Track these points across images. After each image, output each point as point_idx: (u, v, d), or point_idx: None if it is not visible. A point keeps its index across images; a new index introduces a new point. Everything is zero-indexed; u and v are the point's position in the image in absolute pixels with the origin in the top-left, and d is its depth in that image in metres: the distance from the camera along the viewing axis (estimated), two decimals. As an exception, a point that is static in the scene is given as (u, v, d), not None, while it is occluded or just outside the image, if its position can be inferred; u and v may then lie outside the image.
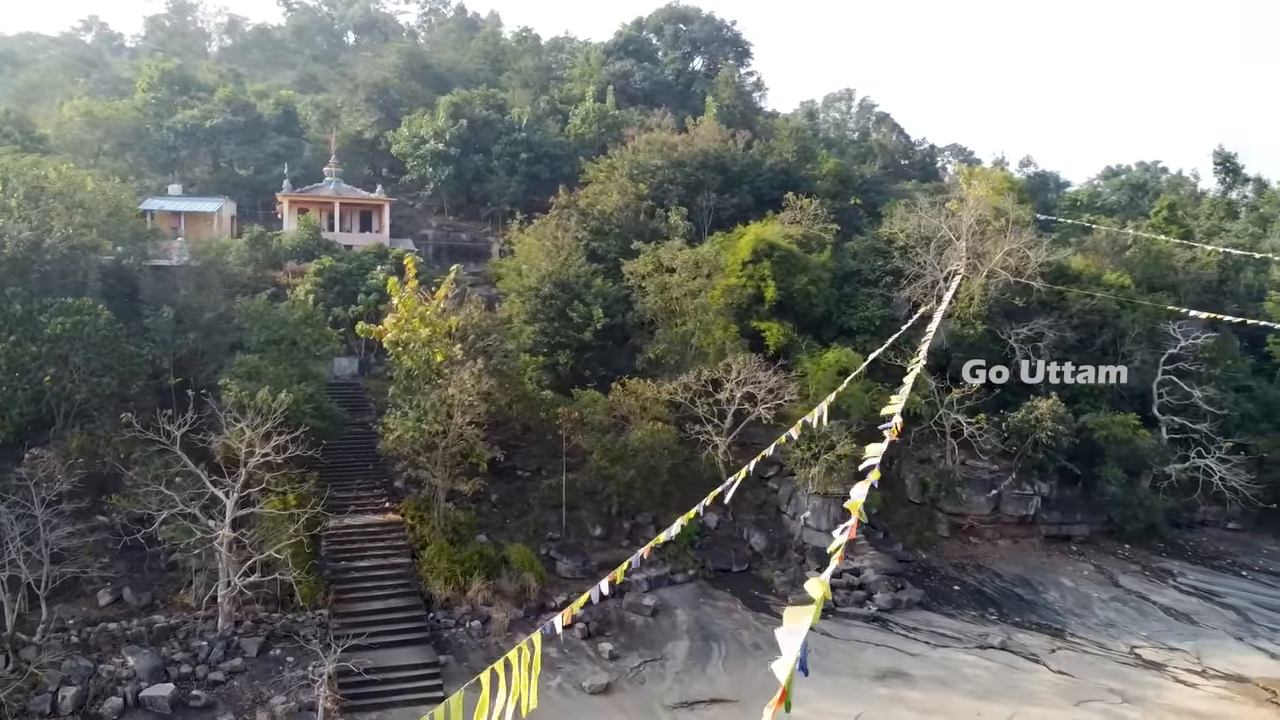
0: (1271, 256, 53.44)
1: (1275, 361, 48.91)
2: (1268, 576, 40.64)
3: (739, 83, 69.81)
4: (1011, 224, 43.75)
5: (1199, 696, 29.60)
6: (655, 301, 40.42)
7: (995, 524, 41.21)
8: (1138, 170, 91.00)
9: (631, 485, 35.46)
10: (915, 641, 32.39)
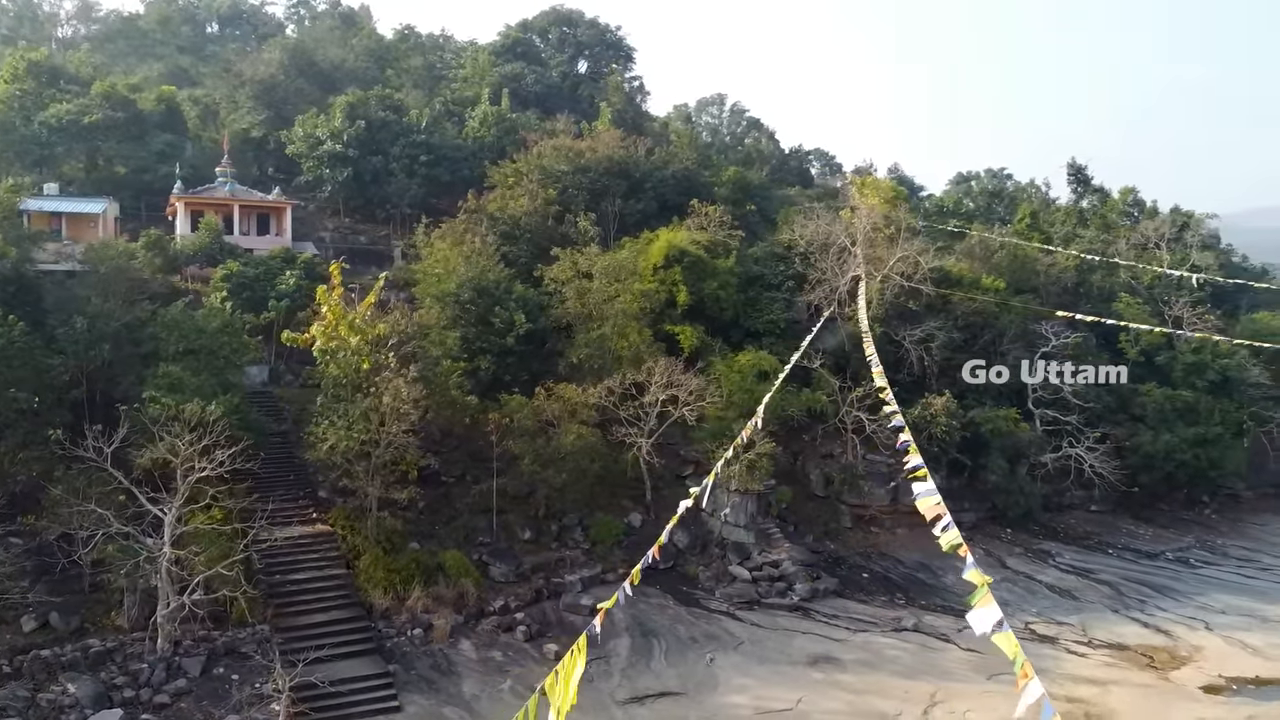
0: (1119, 261, 58.66)
1: (1127, 357, 53.74)
2: (1130, 553, 44.91)
3: (628, 88, 71.08)
4: (902, 231, 46.65)
5: (1089, 665, 32.67)
6: (574, 306, 41.16)
7: (894, 514, 43.90)
8: (987, 177, 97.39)
9: (563, 488, 36.11)
10: (838, 628, 34.39)
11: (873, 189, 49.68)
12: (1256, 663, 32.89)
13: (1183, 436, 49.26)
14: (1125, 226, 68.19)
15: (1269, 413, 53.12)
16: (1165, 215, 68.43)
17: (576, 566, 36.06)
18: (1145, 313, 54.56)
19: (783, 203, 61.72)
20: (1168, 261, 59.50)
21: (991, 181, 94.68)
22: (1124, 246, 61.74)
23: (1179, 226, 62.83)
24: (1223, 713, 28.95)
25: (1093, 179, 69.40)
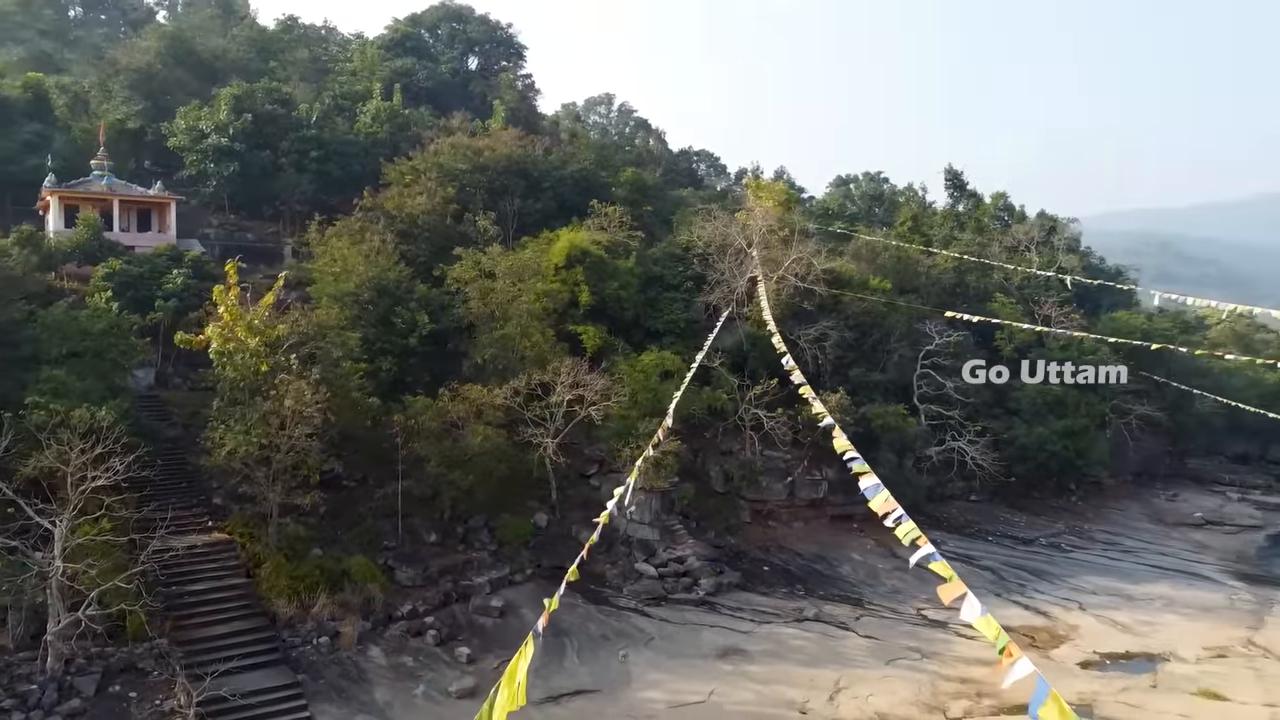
0: (994, 262, 61.80)
1: (1002, 354, 56.71)
2: (1009, 540, 47.52)
3: (520, 86, 70.78)
4: (796, 233, 48.07)
5: (978, 646, 34.33)
6: (477, 306, 40.90)
7: (790, 508, 45.31)
8: (864, 180, 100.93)
9: (470, 490, 35.89)
10: (743, 620, 35.31)
11: (767, 192, 51.01)
12: (1126, 639, 35.39)
13: (1053, 429, 52.39)
14: (997, 230, 71.90)
15: (1128, 405, 56.95)
16: (1033, 220, 72.55)
17: (484, 568, 35.90)
18: (1018, 312, 57.61)
19: (676, 204, 62.63)
20: (1037, 263, 63.05)
21: (870, 185, 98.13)
22: (997, 249, 65.07)
23: (1047, 230, 66.64)
24: (1099, 686, 31.03)
25: (968, 184, 72.89)
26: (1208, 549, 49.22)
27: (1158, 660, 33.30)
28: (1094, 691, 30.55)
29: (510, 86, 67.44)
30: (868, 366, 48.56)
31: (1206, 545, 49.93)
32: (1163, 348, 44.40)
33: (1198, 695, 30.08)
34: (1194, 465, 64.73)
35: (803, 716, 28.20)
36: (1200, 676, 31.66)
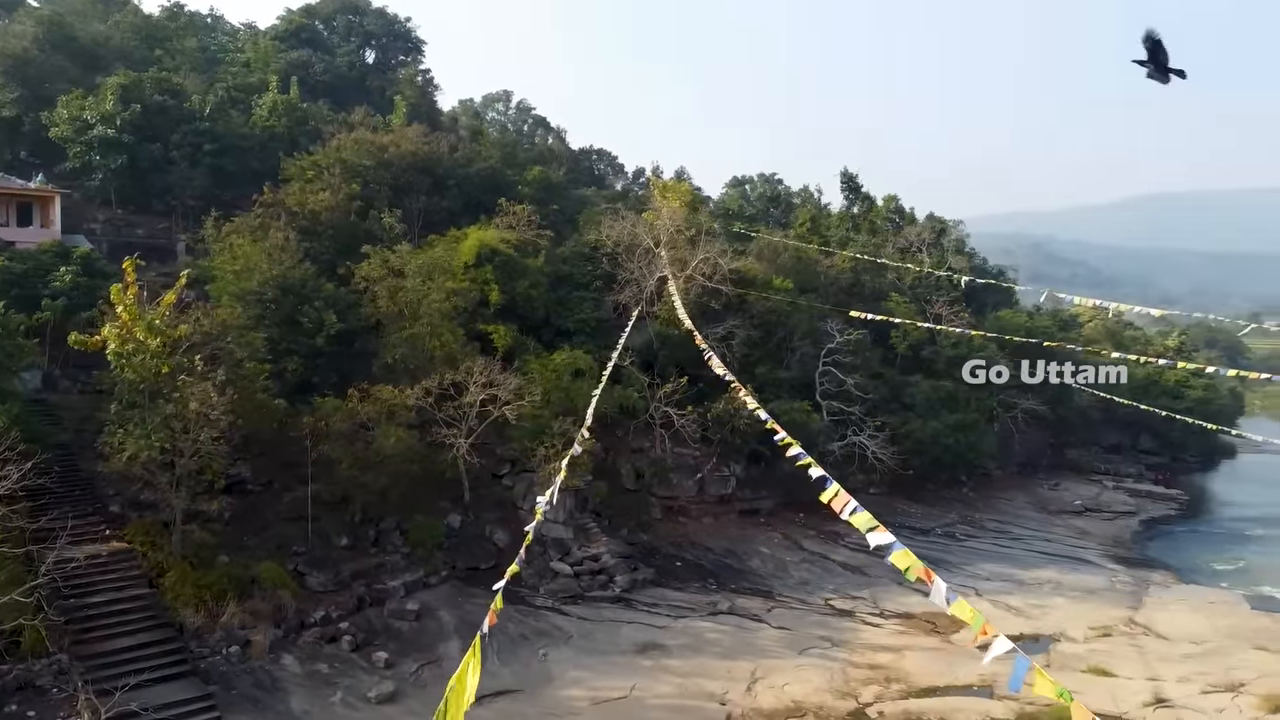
0: (888, 262, 63.97)
1: (897, 352, 58.90)
2: (907, 530, 49.22)
3: (419, 81, 69.68)
4: (703, 233, 48.83)
5: (884, 634, 35.85)
6: (386, 305, 40.25)
7: (700, 504, 46.08)
8: (760, 181, 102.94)
9: (383, 492, 35.34)
10: (659, 615, 35.79)
11: (673, 192, 51.65)
12: (1019, 621, 37.21)
13: (946, 423, 54.61)
14: (889, 231, 74.42)
15: (1014, 400, 59.83)
16: (923, 222, 75.39)
17: (398, 571, 35.40)
18: (911, 311, 59.83)
19: (579, 203, 62.80)
20: (928, 264, 65.55)
21: (765, 186, 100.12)
22: (891, 250, 67.37)
23: (937, 232, 69.35)
24: (998, 667, 32.42)
25: (862, 187, 75.16)
26: (1088, 535, 52.16)
27: (1050, 641, 35.15)
28: (994, 673, 31.85)
29: (411, 82, 66.35)
30: (773, 364, 49.73)
31: (1087, 531, 52.90)
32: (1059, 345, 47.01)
33: (1087, 672, 31.91)
34: (1073, 456, 68.38)
35: (722, 707, 28.80)
36: (1088, 654, 33.59)
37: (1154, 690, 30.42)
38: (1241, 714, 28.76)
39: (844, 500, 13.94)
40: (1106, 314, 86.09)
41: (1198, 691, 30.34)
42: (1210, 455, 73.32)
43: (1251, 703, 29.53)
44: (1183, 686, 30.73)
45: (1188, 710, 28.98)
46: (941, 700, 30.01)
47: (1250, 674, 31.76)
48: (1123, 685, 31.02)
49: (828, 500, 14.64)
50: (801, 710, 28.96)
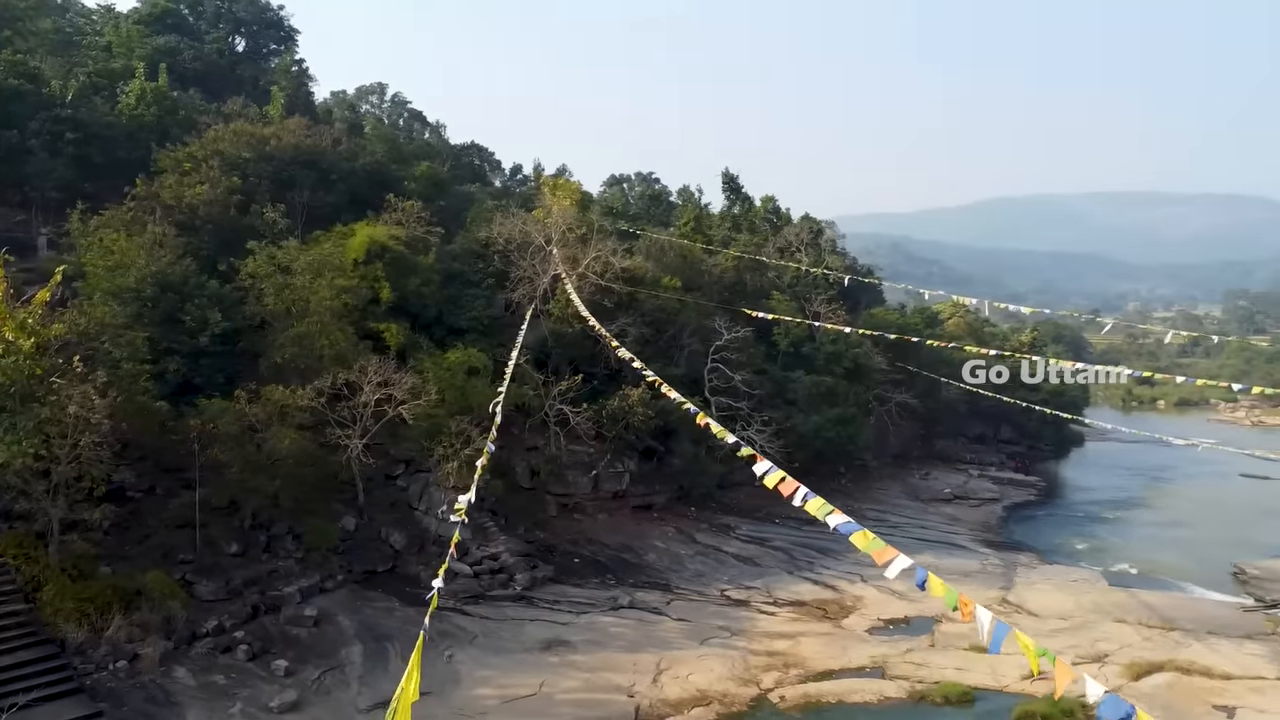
0: (769, 261, 65.83)
1: (779, 349, 60.66)
2: (794, 521, 50.71)
3: (297, 72, 67.38)
4: (595, 232, 49.14)
5: (779, 621, 37.00)
6: (273, 303, 38.97)
7: (595, 500, 46.41)
8: (637, 181, 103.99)
9: (276, 496, 34.28)
10: (561, 612, 35.96)
11: (564, 190, 51.77)
12: (903, 605, 38.99)
13: (827, 417, 56.60)
14: (766, 231, 76.49)
15: (889, 394, 62.53)
16: (798, 222, 77.79)
17: (293, 577, 34.39)
18: (792, 309, 61.73)
19: (464, 199, 62.14)
20: (806, 263, 67.73)
21: (642, 185, 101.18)
22: (771, 250, 69.28)
23: (815, 233, 71.69)
24: (887, 649, 34.15)
25: (743, 187, 76.96)
26: (959, 521, 55.00)
27: (933, 621, 37.01)
28: (883, 655, 33.60)
29: (286, 72, 64.07)
30: (664, 362, 50.38)
31: (958, 518, 55.77)
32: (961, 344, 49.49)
33: (969, 650, 33.73)
34: (941, 446, 71.89)
35: (631, 700, 29.23)
36: (969, 634, 35.14)
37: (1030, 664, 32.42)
38: (1108, 682, 30.94)
39: (792, 486, 14.47)
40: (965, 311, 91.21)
41: (1069, 663, 32.52)
42: (1062, 444, 78.19)
43: (1116, 671, 31.96)
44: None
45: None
46: (837, 683, 31.27)
47: (1113, 645, 34.32)
48: (1002, 660, 32.83)
49: (773, 485, 15.21)
50: (707, 698, 29.68)
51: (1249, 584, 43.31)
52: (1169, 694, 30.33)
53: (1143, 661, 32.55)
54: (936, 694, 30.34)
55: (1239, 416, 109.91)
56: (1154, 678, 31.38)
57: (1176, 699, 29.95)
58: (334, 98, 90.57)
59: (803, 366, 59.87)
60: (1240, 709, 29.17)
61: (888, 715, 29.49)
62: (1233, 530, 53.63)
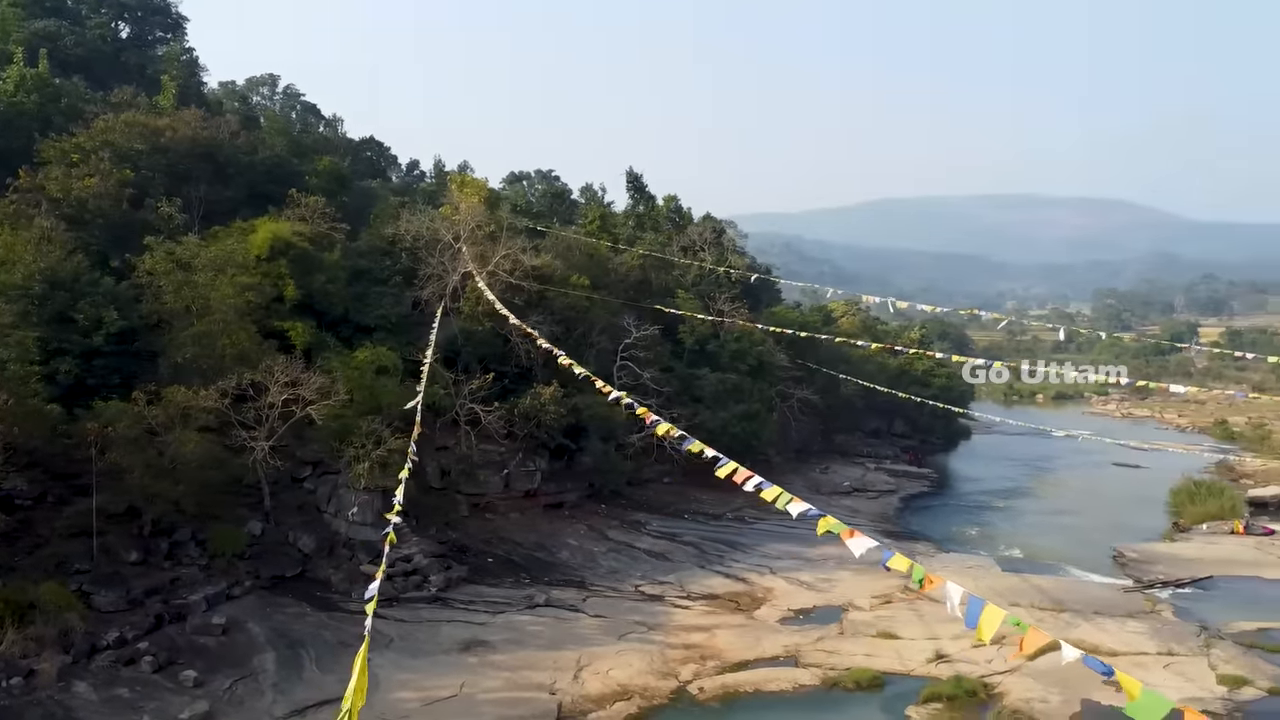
0: (676, 260, 66.60)
1: (685, 346, 61.44)
2: (702, 516, 51.76)
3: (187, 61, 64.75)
4: (505, 229, 48.89)
5: (694, 615, 37.61)
6: (173, 301, 37.55)
7: (507, 499, 46.23)
8: (538, 178, 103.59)
9: (179, 501, 33.09)
10: (478, 612, 35.79)
11: (472, 187, 51.31)
12: (811, 595, 40.18)
13: (733, 413, 57.62)
14: (669, 230, 77.24)
15: (791, 390, 64.01)
16: (700, 221, 78.86)
17: (197, 585, 33.30)
18: (697, 307, 62.60)
19: (366, 195, 60.95)
20: (710, 262, 68.76)
21: (543, 182, 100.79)
22: (675, 248, 70.03)
23: (717, 232, 72.80)
24: (798, 638, 35.12)
25: (647, 187, 77.54)
26: (859, 512, 56.68)
27: (841, 610, 38.22)
28: (796, 644, 34.54)
29: (176, 60, 61.50)
30: (574, 359, 50.43)
31: (857, 510, 57.47)
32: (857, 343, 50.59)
33: (877, 636, 35.07)
34: (840, 441, 73.96)
35: (553, 697, 29.36)
36: (876, 621, 36.86)
37: (935, 648, 33.90)
38: (1006, 663, 32.62)
39: (745, 476, 14.90)
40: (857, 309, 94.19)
41: (969, 646, 34.03)
42: (951, 437, 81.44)
43: (1013, 652, 33.49)
44: (957, 643, 34.35)
45: (963, 662, 32.55)
46: (754, 672, 32.03)
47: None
48: (908, 645, 34.37)
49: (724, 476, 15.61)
50: (628, 693, 30.04)
51: (1128, 566, 46.04)
52: (1063, 671, 31.60)
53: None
54: (848, 680, 31.36)
55: (1110, 409, 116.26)
56: (1048, 656, 32.99)
57: (1069, 675, 31.36)
58: (223, 88, 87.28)
59: (708, 364, 60.77)
60: (1127, 683, 31.02)
61: (802, 702, 30.34)
62: (1110, 516, 56.78)
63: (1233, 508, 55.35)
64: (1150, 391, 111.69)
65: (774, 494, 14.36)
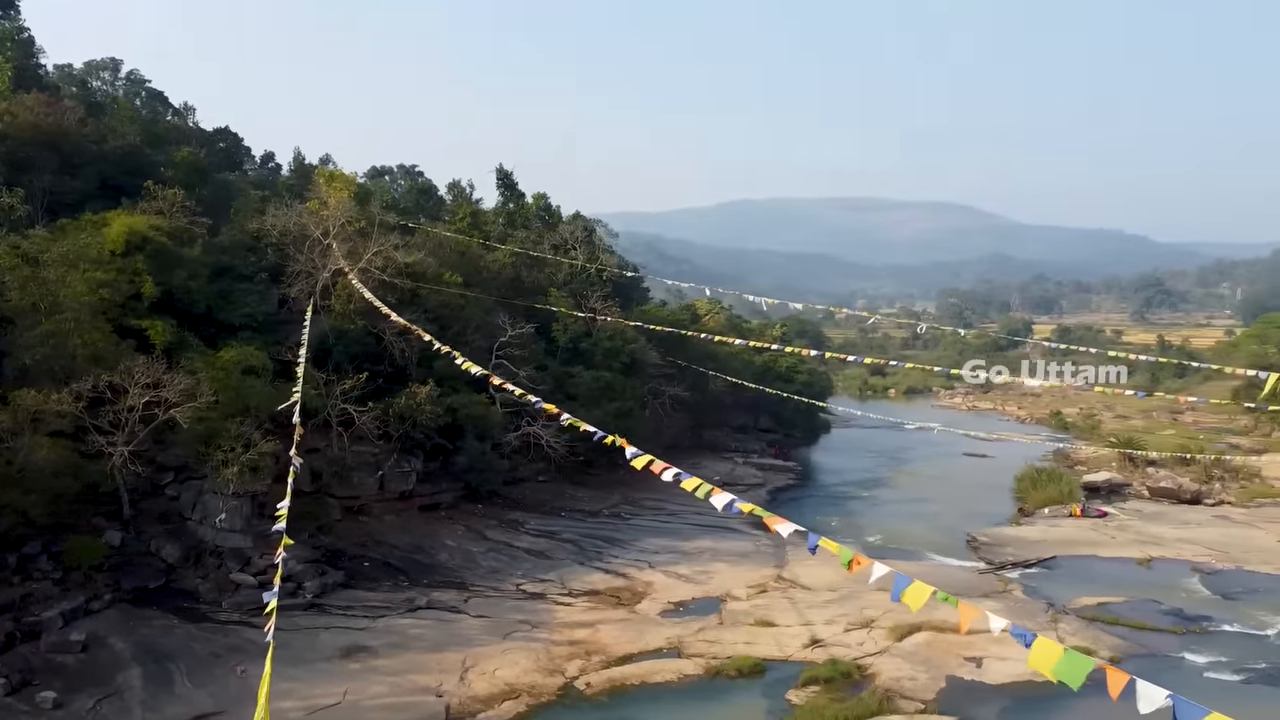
0: (548, 257, 66.56)
1: (558, 344, 61.55)
2: (579, 514, 52.05)
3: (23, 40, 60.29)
4: (377, 226, 47.79)
5: (576, 611, 37.85)
6: (18, 299, 35.06)
7: (381, 501, 45.24)
8: (400, 172, 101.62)
9: (26, 513, 31.02)
10: (357, 618, 34.97)
11: (341, 182, 49.91)
12: (690, 587, 41.04)
13: (607, 411, 57.95)
14: (539, 228, 77.12)
15: (662, 388, 64.99)
16: (570, 219, 79.10)
17: (52, 600, 31.32)
18: (569, 305, 62.82)
19: (226, 188, 58.40)
20: (582, 260, 69.06)
21: (406, 178, 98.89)
22: (546, 247, 69.97)
23: (588, 231, 73.18)
24: (680, 630, 35.85)
25: (517, 184, 77.18)
26: (730, 506, 58.20)
27: (719, 601, 39.21)
28: (678, 635, 35.23)
29: (10, 39, 57.16)
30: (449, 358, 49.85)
31: (729, 503, 58.99)
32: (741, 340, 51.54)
33: (755, 625, 36.15)
34: (709, 437, 75.55)
35: (440, 699, 29.06)
36: (753, 610, 37.98)
37: (809, 633, 35.26)
38: (877, 644, 34.29)
39: (662, 468, 15.24)
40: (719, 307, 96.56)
41: (842, 630, 35.63)
42: (813, 431, 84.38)
43: (883, 634, 35.30)
44: (830, 627, 35.88)
45: (837, 646, 33.98)
46: (639, 665, 32.52)
47: (877, 611, 37.74)
48: (784, 632, 35.60)
49: (640, 466, 15.92)
50: (516, 691, 30.02)
51: (981, 550, 48.95)
52: (928, 651, 33.89)
53: (904, 624, 36.00)
54: (730, 668, 32.24)
55: (957, 402, 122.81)
56: (914, 637, 34.87)
57: (934, 654, 33.53)
58: (60, 72, 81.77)
59: (582, 362, 61.03)
60: (986, 658, 33.10)
61: (688, 692, 31.03)
62: (962, 503, 60.15)
63: (1070, 492, 59.49)
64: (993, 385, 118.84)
65: (694, 484, 14.74)
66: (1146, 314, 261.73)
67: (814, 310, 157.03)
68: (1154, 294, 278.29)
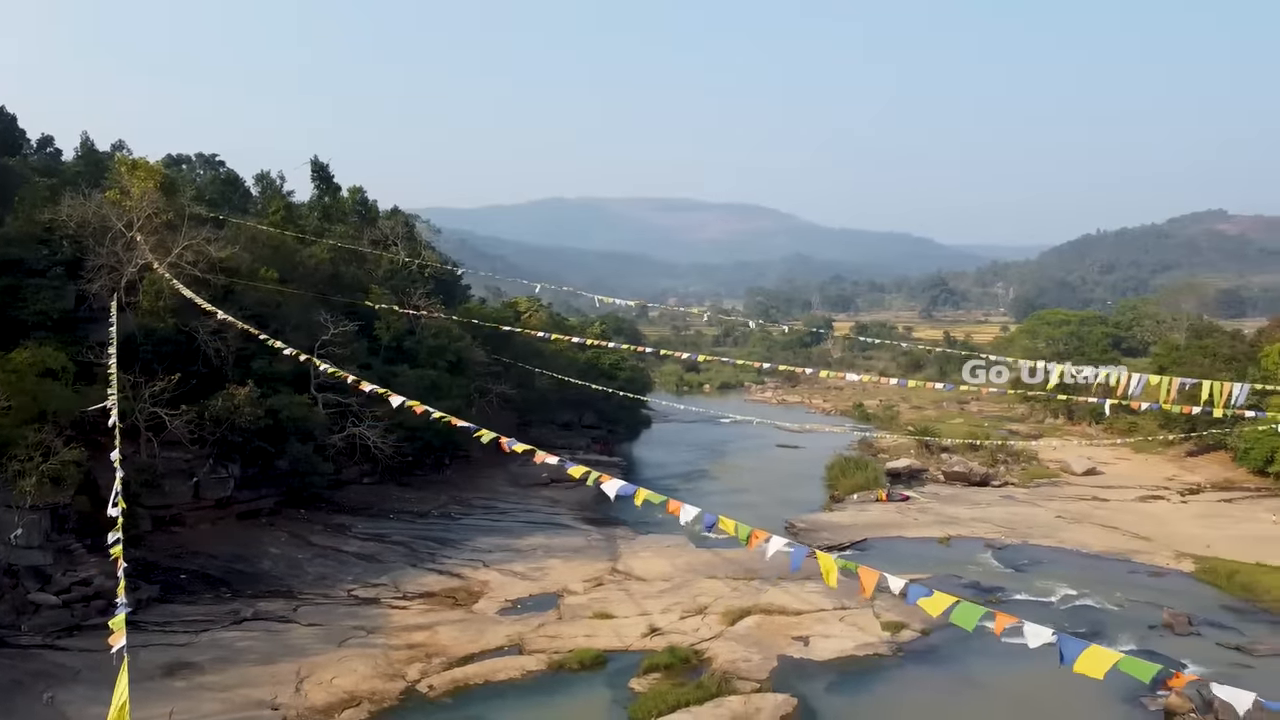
0: (368, 252, 64.72)
1: (381, 343, 60.04)
2: (407, 515, 51.00)
3: None
4: (188, 219, 45.06)
5: (412, 614, 37.19)
6: None
7: (196, 510, 42.83)
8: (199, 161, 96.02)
9: None
10: (177, 633, 33.04)
11: (145, 171, 46.69)
12: (526, 584, 41.11)
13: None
14: (356, 222, 74.83)
15: (489, 386, 64.58)
16: (389, 214, 77.26)
17: None
18: (391, 301, 61.37)
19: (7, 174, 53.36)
20: (403, 256, 67.59)
21: (206, 168, 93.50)
22: (365, 242, 68.01)
23: (409, 226, 71.66)
24: (520, 627, 35.93)
25: (334, 177, 74.45)
26: (559, 502, 58.54)
27: (557, 596, 39.54)
28: (518, 632, 35.30)
29: None
30: (269, 358, 47.66)
31: (558, 500, 59.28)
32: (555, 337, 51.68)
33: (594, 618, 36.70)
34: (535, 434, 75.23)
35: (276, 712, 27.98)
36: (591, 603, 38.54)
37: (647, 623, 36.18)
38: (711, 630, 35.62)
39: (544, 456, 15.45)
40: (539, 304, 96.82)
41: (678, 618, 36.76)
42: (635, 426, 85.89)
43: (716, 619, 36.71)
44: (666, 616, 36.95)
45: (674, 634, 35.05)
46: (481, 665, 32.39)
47: (710, 598, 39.21)
48: (623, 623, 36.35)
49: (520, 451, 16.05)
50: (356, 699, 29.29)
51: (799, 535, 51.50)
52: (759, 632, 35.54)
53: (735, 608, 37.62)
54: (572, 661, 32.65)
55: (767, 396, 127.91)
56: (746, 620, 36.47)
57: (765, 635, 35.22)
58: None
59: (406, 361, 59.85)
60: (812, 636, 35.10)
61: (532, 687, 31.21)
62: (779, 492, 63.07)
63: (876, 479, 63.53)
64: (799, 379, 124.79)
65: (580, 471, 15.06)
66: (933, 312, 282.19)
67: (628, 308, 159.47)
68: (939, 293, 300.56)
